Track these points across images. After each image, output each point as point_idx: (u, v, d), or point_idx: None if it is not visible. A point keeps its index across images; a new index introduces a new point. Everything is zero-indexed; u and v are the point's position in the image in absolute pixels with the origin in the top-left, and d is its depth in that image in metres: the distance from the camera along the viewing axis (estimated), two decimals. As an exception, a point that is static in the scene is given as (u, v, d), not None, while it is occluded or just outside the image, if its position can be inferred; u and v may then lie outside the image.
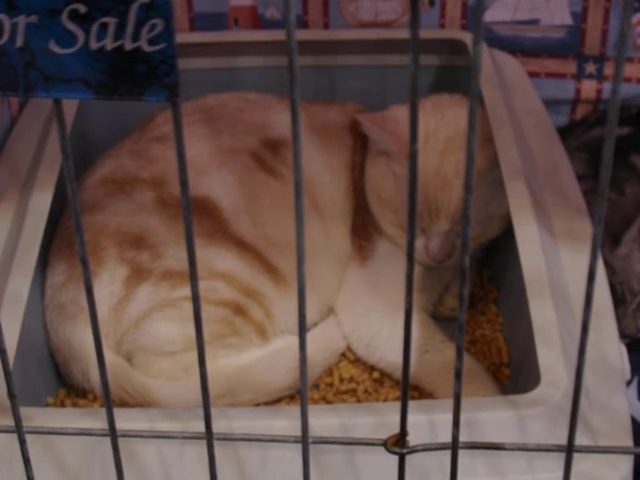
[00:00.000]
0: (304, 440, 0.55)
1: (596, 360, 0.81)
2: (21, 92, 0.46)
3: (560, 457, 0.57)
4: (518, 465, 0.72)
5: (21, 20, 0.44)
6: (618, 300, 1.09)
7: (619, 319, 1.03)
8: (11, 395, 0.56)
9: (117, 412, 0.57)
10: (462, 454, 0.56)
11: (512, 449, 0.57)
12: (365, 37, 1.24)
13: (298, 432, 0.55)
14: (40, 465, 0.70)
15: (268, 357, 0.96)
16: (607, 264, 1.09)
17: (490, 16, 1.31)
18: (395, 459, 0.57)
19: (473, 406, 0.74)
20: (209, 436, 0.56)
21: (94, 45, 0.44)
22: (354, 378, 1.00)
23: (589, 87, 1.34)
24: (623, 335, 1.06)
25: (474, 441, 0.59)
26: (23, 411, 0.58)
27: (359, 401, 0.96)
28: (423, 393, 0.97)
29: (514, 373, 0.96)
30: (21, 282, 0.87)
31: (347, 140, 1.08)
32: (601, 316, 0.85)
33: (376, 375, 1.00)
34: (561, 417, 0.72)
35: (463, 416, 0.54)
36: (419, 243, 1.00)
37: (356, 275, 1.04)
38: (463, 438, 0.56)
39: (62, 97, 0.46)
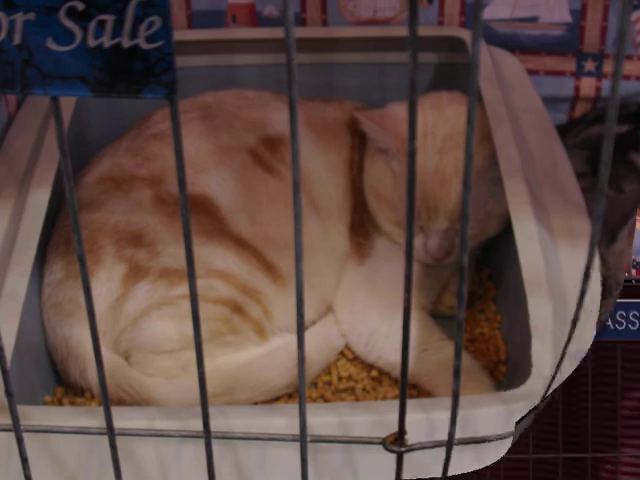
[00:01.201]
0: (302, 439, 0.55)
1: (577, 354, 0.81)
2: (18, 90, 0.46)
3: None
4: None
5: (19, 17, 0.44)
6: (605, 293, 1.09)
7: (600, 310, 1.04)
8: (8, 393, 0.56)
9: (115, 410, 0.57)
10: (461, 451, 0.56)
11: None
12: (363, 34, 1.24)
13: (296, 430, 0.55)
14: (37, 463, 0.70)
15: (266, 355, 0.96)
16: (602, 259, 1.09)
17: (489, 13, 1.31)
18: (393, 457, 0.57)
19: (471, 404, 0.74)
20: (207, 434, 0.56)
21: (92, 42, 0.44)
22: (352, 376, 1.00)
23: (588, 84, 1.34)
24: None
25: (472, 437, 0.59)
26: (20, 409, 0.57)
27: (357, 399, 0.96)
28: (421, 391, 0.97)
29: (510, 371, 0.96)
30: (19, 280, 0.87)
31: (345, 138, 1.08)
32: (588, 313, 0.85)
33: (374, 373, 1.00)
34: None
35: (461, 414, 0.54)
36: (418, 241, 1.00)
37: (354, 273, 1.04)
38: (461, 435, 0.55)
39: (60, 94, 0.46)
